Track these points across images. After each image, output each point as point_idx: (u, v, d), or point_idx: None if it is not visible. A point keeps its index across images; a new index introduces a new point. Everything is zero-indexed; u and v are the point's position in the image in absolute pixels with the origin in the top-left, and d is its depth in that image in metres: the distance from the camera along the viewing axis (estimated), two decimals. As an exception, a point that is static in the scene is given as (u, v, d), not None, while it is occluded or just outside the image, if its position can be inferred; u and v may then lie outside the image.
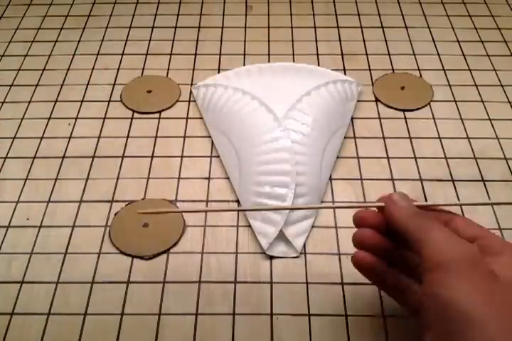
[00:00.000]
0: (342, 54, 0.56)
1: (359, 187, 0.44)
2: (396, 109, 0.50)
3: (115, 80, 0.53)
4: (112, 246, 0.40)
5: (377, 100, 0.51)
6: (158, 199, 0.43)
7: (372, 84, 0.52)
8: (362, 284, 0.38)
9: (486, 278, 0.24)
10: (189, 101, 0.51)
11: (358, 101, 0.50)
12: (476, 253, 0.26)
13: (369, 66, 0.54)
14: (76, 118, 0.50)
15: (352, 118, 0.49)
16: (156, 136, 0.48)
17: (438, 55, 0.56)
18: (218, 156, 0.46)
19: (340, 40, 0.58)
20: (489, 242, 0.27)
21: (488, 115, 0.50)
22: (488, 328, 0.22)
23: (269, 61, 0.55)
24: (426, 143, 0.47)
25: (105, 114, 0.50)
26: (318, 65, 0.54)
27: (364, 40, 0.58)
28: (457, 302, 0.23)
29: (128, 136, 0.48)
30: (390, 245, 0.30)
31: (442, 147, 0.47)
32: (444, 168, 0.45)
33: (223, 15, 0.61)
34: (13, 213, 0.42)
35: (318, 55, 0.56)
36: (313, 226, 0.41)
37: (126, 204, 0.42)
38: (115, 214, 0.42)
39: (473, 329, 0.22)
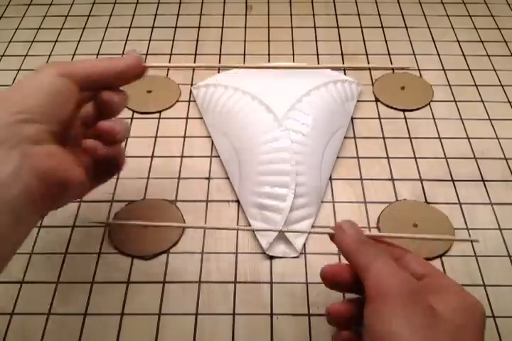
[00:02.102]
0: (342, 54, 0.56)
1: (359, 187, 0.44)
2: (396, 109, 0.50)
3: (115, 80, 0.53)
4: (112, 246, 0.40)
5: (377, 100, 0.51)
6: (158, 199, 0.43)
7: (372, 84, 0.52)
8: (362, 284, 0.38)
9: (424, 313, 0.24)
10: (189, 101, 0.51)
11: (358, 101, 0.50)
12: (416, 288, 0.25)
13: (369, 66, 0.55)
14: (76, 119, 0.50)
15: (352, 118, 0.49)
16: (156, 136, 0.48)
17: (438, 55, 0.56)
18: (218, 156, 0.46)
19: (340, 40, 0.58)
20: (436, 281, 0.27)
21: (488, 115, 0.50)
22: None
23: (269, 61, 0.55)
24: (426, 143, 0.47)
25: (105, 114, 0.50)
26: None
27: (364, 40, 0.58)
28: (389, 336, 0.23)
29: (128, 136, 0.48)
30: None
31: (442, 147, 0.47)
32: (444, 168, 0.45)
33: (223, 15, 0.61)
34: (13, 213, 0.42)
35: (318, 55, 0.56)
36: (313, 226, 0.41)
37: (126, 204, 0.42)
38: (115, 214, 0.42)
39: None
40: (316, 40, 0.58)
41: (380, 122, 0.49)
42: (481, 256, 0.39)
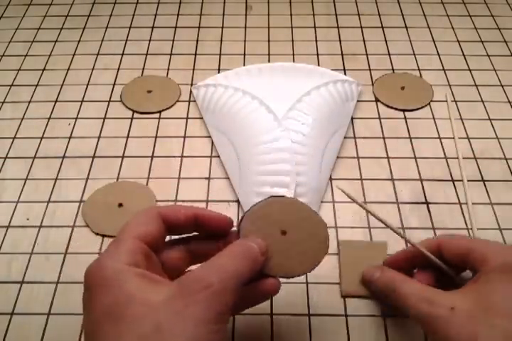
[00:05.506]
0: (342, 54, 0.56)
1: (359, 187, 0.44)
2: (396, 109, 0.50)
3: (115, 80, 0.53)
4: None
5: (377, 100, 0.51)
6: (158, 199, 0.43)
7: (372, 84, 0.52)
8: (362, 284, 0.38)
9: None
10: (189, 101, 0.51)
11: (358, 101, 0.50)
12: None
13: (369, 66, 0.54)
14: (76, 119, 0.50)
15: (352, 118, 0.49)
16: (156, 136, 0.48)
17: (438, 55, 0.56)
18: (218, 156, 0.46)
19: (340, 40, 0.58)
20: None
21: (488, 115, 0.50)
22: None
23: (269, 61, 0.55)
24: (426, 143, 0.47)
25: (105, 114, 0.50)
26: (318, 65, 0.54)
27: (364, 40, 0.58)
28: None
29: (128, 136, 0.48)
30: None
31: (442, 147, 0.47)
32: (444, 168, 0.45)
33: (223, 15, 0.61)
34: (13, 213, 0.42)
35: (318, 55, 0.56)
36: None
37: (126, 204, 0.42)
38: (115, 214, 0.42)
39: None
40: (316, 40, 0.58)
41: (380, 122, 0.49)
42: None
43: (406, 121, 0.49)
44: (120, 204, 0.42)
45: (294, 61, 0.55)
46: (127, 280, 0.24)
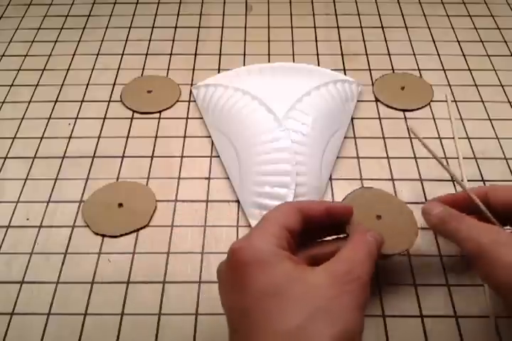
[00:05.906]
0: (342, 54, 0.56)
1: (359, 187, 0.44)
2: (396, 109, 0.50)
3: (115, 80, 0.53)
4: (112, 246, 0.40)
5: (377, 100, 0.51)
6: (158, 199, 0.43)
7: (372, 84, 0.52)
8: (362, 284, 0.38)
9: None
10: (189, 101, 0.51)
11: (358, 101, 0.50)
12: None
13: (369, 66, 0.54)
14: (76, 119, 0.50)
15: (352, 118, 0.49)
16: (156, 136, 0.48)
17: (438, 55, 0.56)
18: (218, 156, 0.46)
19: (340, 40, 0.58)
20: None
21: (488, 115, 0.50)
22: None
23: (269, 61, 0.55)
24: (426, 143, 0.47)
25: (105, 114, 0.50)
26: (318, 65, 0.54)
27: (364, 40, 0.58)
28: None
29: (128, 136, 0.48)
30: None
31: (442, 147, 0.47)
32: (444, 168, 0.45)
33: (223, 15, 0.61)
34: (13, 213, 0.42)
35: (318, 55, 0.56)
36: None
37: (126, 204, 0.42)
38: (115, 214, 0.42)
39: None
40: (316, 40, 0.58)
41: (380, 122, 0.49)
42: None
43: (406, 121, 0.49)
44: (120, 204, 0.42)
45: (294, 61, 0.55)
46: (282, 262, 0.25)
